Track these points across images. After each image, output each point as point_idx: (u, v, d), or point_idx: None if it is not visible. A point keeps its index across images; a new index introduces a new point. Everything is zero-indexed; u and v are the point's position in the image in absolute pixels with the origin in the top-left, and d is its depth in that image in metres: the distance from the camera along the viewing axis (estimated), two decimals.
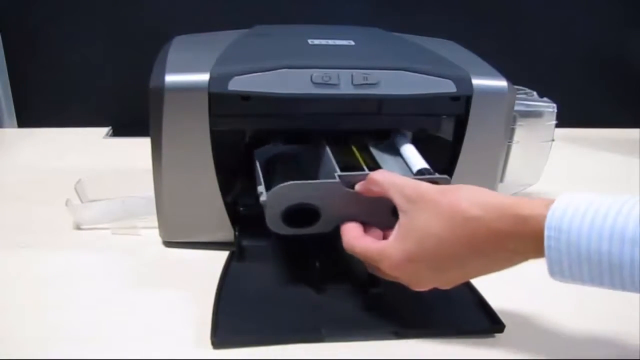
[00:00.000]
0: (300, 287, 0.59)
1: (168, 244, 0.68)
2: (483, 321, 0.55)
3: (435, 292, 0.59)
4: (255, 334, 0.53)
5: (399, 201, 0.52)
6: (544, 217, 0.44)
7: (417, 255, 0.50)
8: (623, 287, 0.42)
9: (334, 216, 0.57)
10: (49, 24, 1.04)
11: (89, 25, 1.05)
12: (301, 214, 0.57)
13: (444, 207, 0.49)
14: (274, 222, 0.57)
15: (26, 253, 0.66)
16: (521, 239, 0.46)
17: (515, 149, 0.78)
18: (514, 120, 0.76)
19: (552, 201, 0.44)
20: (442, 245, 0.48)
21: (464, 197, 0.49)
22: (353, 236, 0.55)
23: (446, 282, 0.52)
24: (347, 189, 0.56)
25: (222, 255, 0.64)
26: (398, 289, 0.58)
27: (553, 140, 0.81)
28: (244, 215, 0.67)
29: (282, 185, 0.55)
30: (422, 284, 0.52)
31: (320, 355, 0.51)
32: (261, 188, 0.60)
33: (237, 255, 0.64)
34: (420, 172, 0.61)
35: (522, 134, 0.78)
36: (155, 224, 0.67)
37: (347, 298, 0.58)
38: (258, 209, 0.64)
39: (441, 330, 0.54)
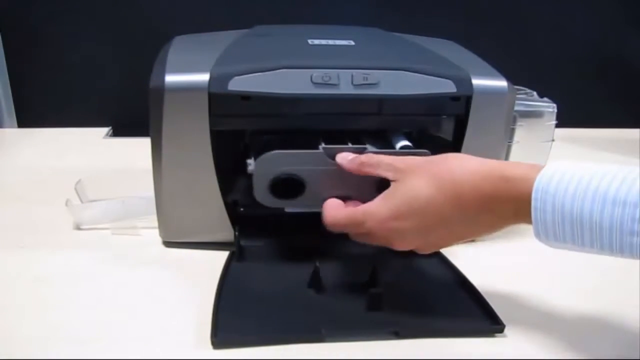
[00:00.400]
0: (300, 287, 0.59)
1: (168, 244, 0.68)
2: (483, 321, 0.55)
3: (435, 292, 0.59)
4: (255, 334, 0.53)
5: (390, 175, 0.54)
6: (531, 179, 0.46)
7: (404, 213, 0.52)
8: (601, 248, 0.44)
9: (318, 189, 0.60)
10: (49, 24, 1.04)
11: (89, 25, 1.05)
12: (287, 186, 0.60)
13: (433, 170, 0.52)
14: (262, 194, 0.60)
15: (26, 253, 0.66)
16: (505, 200, 0.48)
17: (515, 149, 0.78)
18: (514, 120, 0.76)
19: (538, 165, 0.47)
20: (430, 205, 0.51)
21: (452, 162, 0.52)
22: (334, 207, 0.57)
23: (429, 243, 0.54)
24: (332, 162, 0.60)
25: (222, 255, 0.64)
26: (398, 289, 0.58)
27: (553, 140, 0.81)
28: (244, 215, 0.67)
29: (268, 153, 0.59)
30: (405, 243, 0.53)
31: (320, 355, 0.51)
32: (250, 161, 0.62)
33: (237, 255, 0.64)
34: (402, 148, 0.64)
35: (522, 134, 0.78)
36: (155, 224, 0.67)
37: (347, 298, 0.58)
38: (258, 209, 0.64)
39: (441, 330, 0.54)
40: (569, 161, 0.47)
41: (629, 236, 0.42)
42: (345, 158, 0.59)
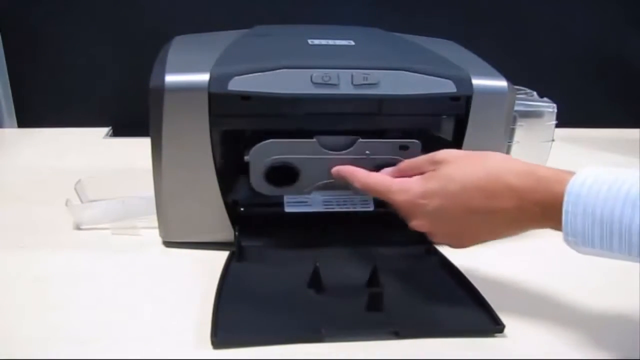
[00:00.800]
0: (300, 286, 0.59)
1: (168, 244, 0.68)
2: (483, 321, 0.55)
3: (435, 292, 0.59)
4: (255, 334, 0.53)
5: (431, 167, 0.56)
6: (564, 181, 0.47)
7: (434, 193, 0.54)
8: (630, 254, 0.44)
9: (312, 177, 0.64)
10: (49, 24, 1.04)
11: (89, 25, 1.05)
12: (282, 174, 0.64)
13: (470, 162, 0.54)
14: (258, 181, 0.64)
15: (26, 253, 0.66)
16: (536, 201, 0.49)
17: (515, 149, 0.78)
18: (514, 120, 0.76)
19: (570, 171, 0.48)
20: (461, 192, 0.52)
21: (490, 157, 0.54)
22: (366, 171, 0.60)
23: (447, 232, 0.56)
24: (325, 150, 0.63)
25: (222, 255, 0.64)
26: (398, 289, 0.58)
27: (553, 140, 0.81)
28: (244, 215, 0.67)
29: (263, 142, 0.62)
30: (423, 222, 0.55)
31: (320, 355, 0.51)
32: (247, 152, 0.64)
33: (237, 255, 0.64)
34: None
35: (522, 134, 0.78)
36: (155, 224, 0.67)
37: (347, 298, 0.58)
38: (258, 209, 0.64)
39: (441, 330, 0.54)
40: (603, 167, 0.47)
41: None
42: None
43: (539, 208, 0.49)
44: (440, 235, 0.56)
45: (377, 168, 0.62)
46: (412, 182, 0.56)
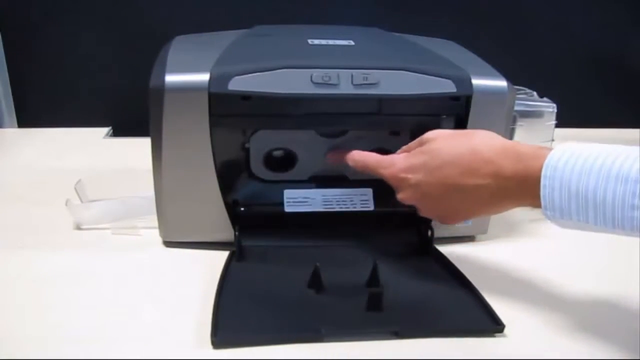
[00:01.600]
0: (300, 286, 0.59)
1: (168, 244, 0.68)
2: (483, 321, 0.55)
3: (435, 292, 0.59)
4: (255, 333, 0.53)
5: (417, 146, 0.59)
6: (542, 157, 0.49)
7: (419, 167, 0.56)
8: (604, 224, 0.46)
9: (309, 163, 0.68)
10: (49, 24, 1.04)
11: (89, 25, 1.05)
12: (280, 160, 0.68)
13: (456, 138, 0.56)
14: (257, 167, 0.68)
15: (26, 253, 0.66)
16: (514, 176, 0.51)
17: None
18: (514, 120, 0.76)
19: (550, 148, 0.49)
20: (442, 167, 0.55)
21: (476, 135, 0.56)
22: (360, 151, 0.64)
23: (429, 206, 0.58)
24: (322, 138, 0.68)
25: (222, 255, 0.64)
26: (398, 289, 0.58)
27: (553, 140, 0.81)
28: (244, 215, 0.67)
29: (262, 130, 0.66)
30: (409, 194, 0.58)
31: (320, 355, 0.51)
32: (247, 140, 0.67)
33: (237, 255, 0.64)
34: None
35: (522, 134, 0.78)
36: (155, 224, 0.67)
37: (347, 298, 0.58)
38: (258, 209, 0.64)
39: (441, 330, 0.54)
40: (579, 142, 0.48)
41: (630, 210, 0.44)
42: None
43: (517, 183, 0.50)
44: (425, 210, 0.59)
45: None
46: (398, 157, 0.60)
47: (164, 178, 0.63)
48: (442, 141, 0.57)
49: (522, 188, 0.50)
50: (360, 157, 0.63)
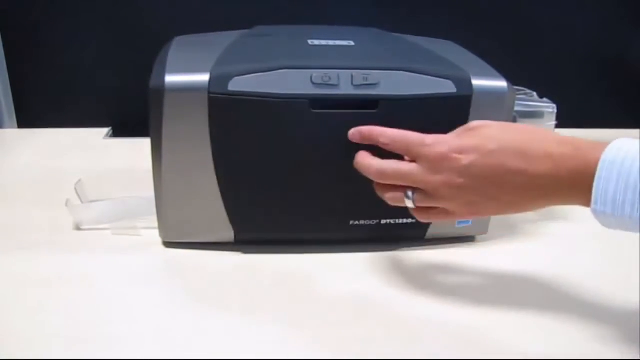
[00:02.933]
0: None
1: (168, 244, 0.68)
2: None
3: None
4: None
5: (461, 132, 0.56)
6: (601, 149, 0.48)
7: (473, 149, 0.52)
8: None
9: None
10: (49, 24, 1.04)
11: (89, 25, 1.05)
12: None
13: (510, 126, 0.55)
14: None
15: (26, 253, 0.66)
16: (570, 168, 0.49)
17: None
18: (514, 121, 0.76)
19: (606, 142, 0.49)
20: (499, 151, 0.52)
21: (531, 126, 0.55)
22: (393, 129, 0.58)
23: (475, 193, 0.53)
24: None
25: (222, 255, 0.64)
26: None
27: None
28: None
29: None
30: (451, 181, 0.53)
31: (321, 355, 0.51)
32: None
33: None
34: None
35: None
36: (155, 224, 0.67)
37: None
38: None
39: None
40: (636, 139, 0.48)
41: None
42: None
43: (572, 176, 0.49)
44: (460, 196, 0.54)
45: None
46: (449, 136, 0.55)
47: (164, 178, 0.63)
48: (496, 128, 0.54)
49: (575, 181, 0.49)
50: (398, 133, 0.57)
